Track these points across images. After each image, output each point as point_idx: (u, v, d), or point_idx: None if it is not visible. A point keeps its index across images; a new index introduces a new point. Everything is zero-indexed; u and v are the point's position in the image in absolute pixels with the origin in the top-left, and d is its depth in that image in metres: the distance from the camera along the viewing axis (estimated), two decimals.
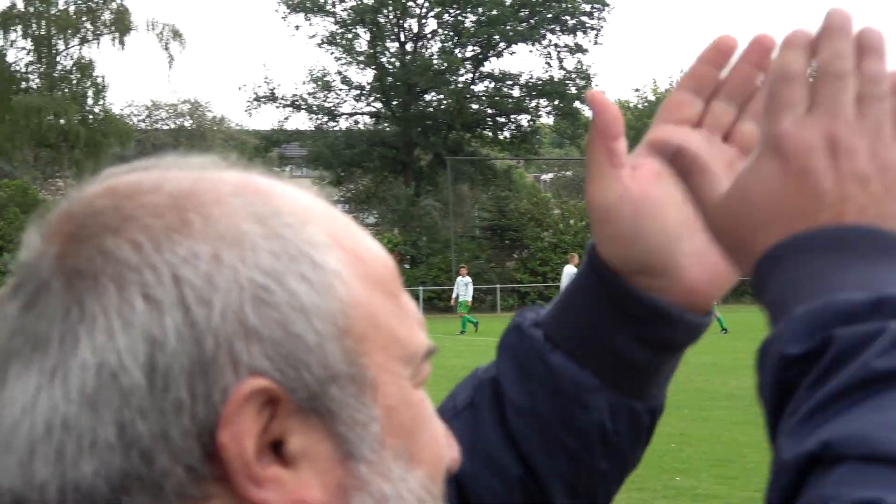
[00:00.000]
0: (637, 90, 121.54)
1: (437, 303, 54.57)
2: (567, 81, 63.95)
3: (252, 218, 0.82)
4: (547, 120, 68.03)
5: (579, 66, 64.15)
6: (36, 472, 0.78)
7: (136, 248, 0.79)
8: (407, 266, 56.79)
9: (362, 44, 64.16)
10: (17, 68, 55.90)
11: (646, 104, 78.90)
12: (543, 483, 1.20)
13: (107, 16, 55.66)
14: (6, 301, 0.84)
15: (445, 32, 64.04)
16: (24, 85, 55.88)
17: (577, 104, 63.99)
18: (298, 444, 0.80)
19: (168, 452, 0.77)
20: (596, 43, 64.63)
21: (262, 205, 0.84)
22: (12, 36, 55.35)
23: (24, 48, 55.87)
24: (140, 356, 0.77)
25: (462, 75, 63.70)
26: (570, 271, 34.62)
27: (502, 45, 63.66)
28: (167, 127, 76.98)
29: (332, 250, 0.84)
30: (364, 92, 64.61)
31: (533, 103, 65.41)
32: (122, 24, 55.40)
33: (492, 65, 67.56)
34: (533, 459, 1.20)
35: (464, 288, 39.92)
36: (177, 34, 57.63)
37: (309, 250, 0.83)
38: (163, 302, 0.78)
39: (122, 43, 55.67)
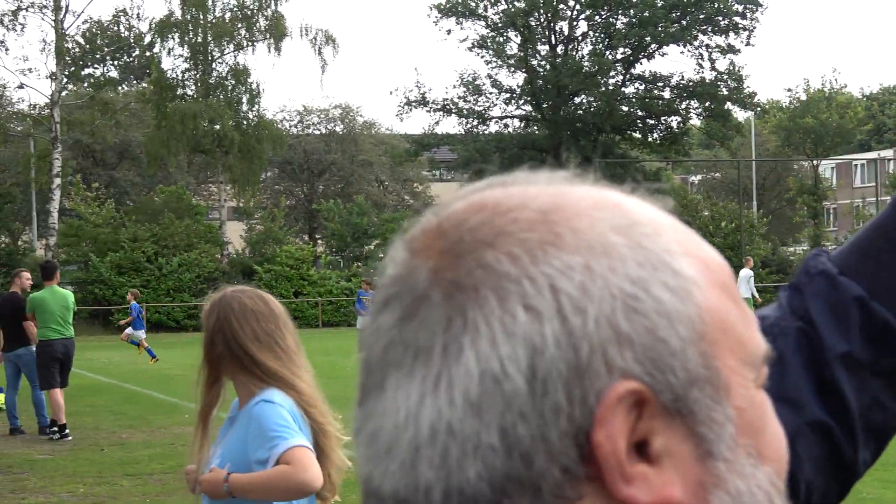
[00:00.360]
0: (789, 90, 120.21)
1: None
2: (718, 83, 63.23)
3: (615, 230, 0.86)
4: (696, 121, 67.33)
5: (731, 68, 63.26)
6: (420, 476, 0.82)
7: (513, 260, 0.83)
8: None
9: (513, 47, 64.23)
10: (174, 75, 57.20)
11: (798, 104, 77.64)
12: (850, 426, 1.30)
13: (262, 22, 56.68)
14: (378, 314, 0.88)
15: (596, 35, 63.80)
16: (180, 91, 57.15)
17: (728, 105, 63.29)
18: (662, 444, 0.82)
19: (546, 454, 0.80)
20: (748, 44, 63.28)
21: (621, 217, 0.87)
22: (169, 44, 56.69)
23: (180, 55, 57.17)
24: (521, 363, 0.80)
25: (612, 77, 63.45)
26: (745, 275, 34.64)
27: (653, 46, 63.19)
28: (318, 132, 77.60)
29: (685, 258, 0.87)
30: (514, 95, 64.64)
31: (683, 105, 64.81)
32: (276, 31, 56.32)
33: (642, 66, 66.90)
34: (847, 405, 1.30)
35: None
36: (330, 39, 58.39)
37: (667, 258, 0.86)
38: (542, 311, 0.81)
39: (277, 49, 56.65)
